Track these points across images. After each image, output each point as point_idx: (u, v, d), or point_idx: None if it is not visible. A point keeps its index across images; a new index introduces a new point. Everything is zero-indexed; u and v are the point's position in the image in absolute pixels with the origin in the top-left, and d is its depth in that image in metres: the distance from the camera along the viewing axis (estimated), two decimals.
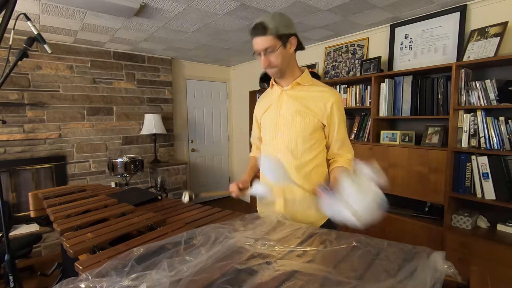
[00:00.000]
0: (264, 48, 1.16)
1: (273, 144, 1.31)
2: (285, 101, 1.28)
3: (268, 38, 1.14)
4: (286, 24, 1.16)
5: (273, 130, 1.31)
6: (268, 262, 0.82)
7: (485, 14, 2.15)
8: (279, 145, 1.29)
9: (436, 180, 2.16)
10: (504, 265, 1.83)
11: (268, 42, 1.15)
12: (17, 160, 2.94)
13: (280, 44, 1.16)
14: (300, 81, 1.26)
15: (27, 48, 1.28)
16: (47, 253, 3.05)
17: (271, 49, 1.16)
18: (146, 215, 1.32)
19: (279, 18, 1.15)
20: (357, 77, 2.77)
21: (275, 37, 1.14)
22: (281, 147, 1.28)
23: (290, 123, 1.26)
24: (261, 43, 1.16)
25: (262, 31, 1.14)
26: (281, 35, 1.15)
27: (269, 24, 1.13)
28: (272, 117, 1.32)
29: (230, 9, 2.31)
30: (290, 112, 1.26)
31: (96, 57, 3.41)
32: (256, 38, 1.16)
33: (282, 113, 1.28)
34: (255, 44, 1.18)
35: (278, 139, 1.29)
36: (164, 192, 3.46)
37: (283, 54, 1.19)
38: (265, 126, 1.38)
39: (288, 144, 1.26)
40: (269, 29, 1.13)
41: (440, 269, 0.72)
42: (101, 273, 0.76)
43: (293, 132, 1.25)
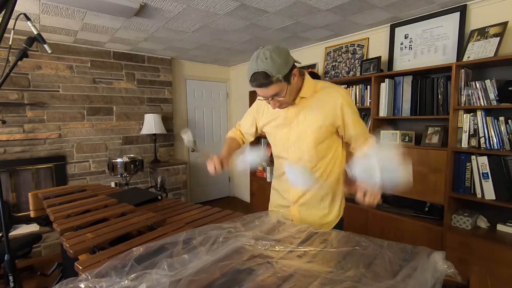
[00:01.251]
0: (271, 95, 1.12)
1: (287, 157, 1.31)
2: (295, 116, 1.26)
3: (274, 86, 1.08)
4: (285, 62, 1.08)
5: (285, 144, 1.30)
6: (269, 262, 0.82)
7: (485, 14, 2.15)
8: (293, 158, 1.29)
9: (436, 180, 2.16)
10: (504, 265, 1.83)
11: (275, 89, 1.09)
12: (17, 160, 2.94)
13: (286, 84, 1.11)
14: (304, 94, 1.22)
15: (27, 48, 1.28)
16: (47, 253, 3.05)
17: (279, 94, 1.12)
18: (146, 215, 1.32)
19: (278, 58, 1.05)
20: (357, 77, 2.77)
21: (281, 82, 1.08)
22: (296, 159, 1.28)
23: (302, 137, 1.24)
24: (268, 92, 1.10)
25: (265, 81, 1.06)
26: (285, 76, 1.08)
27: (272, 71, 1.04)
28: (283, 132, 1.30)
29: (230, 9, 2.31)
30: (302, 126, 1.24)
31: (96, 57, 3.41)
32: (260, 89, 1.10)
33: (293, 127, 1.27)
34: (260, 93, 1.12)
35: (291, 152, 1.29)
36: (164, 192, 3.46)
37: (290, 91, 1.15)
38: (276, 139, 1.36)
39: (302, 157, 1.26)
40: (273, 78, 1.05)
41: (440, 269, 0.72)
42: (101, 273, 0.76)
43: (306, 145, 1.25)
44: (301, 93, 1.22)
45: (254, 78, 1.07)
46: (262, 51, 1.07)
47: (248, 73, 1.09)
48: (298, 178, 1.23)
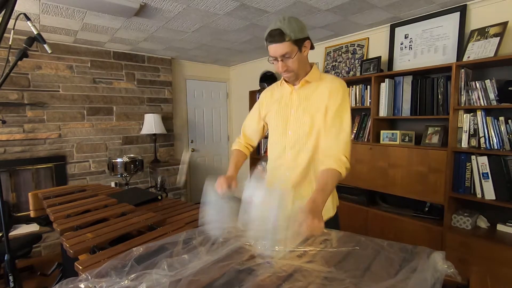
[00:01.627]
0: (282, 54, 1.15)
1: (283, 142, 1.32)
2: (296, 100, 1.29)
3: (286, 44, 1.13)
4: (301, 29, 1.16)
5: (283, 128, 1.32)
6: (268, 262, 0.82)
7: (485, 14, 2.15)
8: (289, 143, 1.30)
9: (436, 180, 2.16)
10: (504, 265, 1.83)
11: (286, 48, 1.14)
12: (17, 160, 2.94)
13: (297, 49, 1.16)
14: (309, 79, 1.26)
15: (27, 48, 1.28)
16: (47, 253, 3.04)
17: (288, 55, 1.16)
18: (146, 215, 1.32)
19: (294, 23, 1.14)
20: (357, 77, 2.77)
21: (292, 43, 1.14)
22: (291, 145, 1.29)
23: (300, 122, 1.27)
24: (279, 50, 1.15)
25: (279, 37, 1.12)
26: (297, 40, 1.15)
27: (286, 30, 1.11)
28: (282, 116, 1.33)
29: (230, 9, 2.31)
30: (301, 111, 1.27)
31: (96, 57, 3.41)
32: (273, 45, 1.15)
33: (293, 112, 1.29)
34: (272, 50, 1.17)
35: (288, 137, 1.30)
36: (164, 192, 3.46)
37: (299, 58, 1.19)
38: (274, 123, 1.37)
39: (297, 142, 1.27)
40: (286, 35, 1.12)
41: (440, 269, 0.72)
42: (101, 273, 0.76)
43: (303, 131, 1.26)
44: (307, 76, 1.26)
45: (270, 33, 1.14)
46: (282, 15, 1.17)
47: (266, 32, 1.16)
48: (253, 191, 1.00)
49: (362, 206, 2.64)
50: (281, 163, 1.34)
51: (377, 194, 2.68)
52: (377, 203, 2.66)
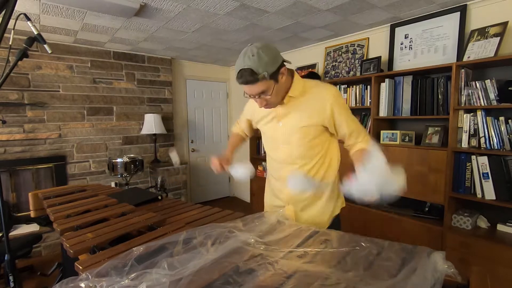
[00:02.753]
0: (258, 93, 1.10)
1: (277, 155, 1.32)
2: (282, 115, 1.25)
3: (260, 84, 1.06)
4: (273, 60, 1.06)
5: (275, 142, 1.32)
6: (269, 263, 0.82)
7: (485, 14, 2.15)
8: (282, 156, 1.30)
9: (436, 180, 2.16)
10: (504, 265, 1.83)
11: (261, 87, 1.07)
12: (17, 160, 2.94)
13: (273, 82, 1.09)
14: (292, 94, 1.20)
15: (27, 48, 1.28)
16: (47, 253, 3.05)
17: (265, 93, 1.10)
18: (146, 215, 1.32)
19: (265, 56, 1.03)
20: (357, 77, 2.77)
21: (267, 79, 1.06)
22: (285, 158, 1.29)
23: (291, 134, 1.24)
24: (254, 90, 1.08)
25: (251, 78, 1.04)
26: (272, 74, 1.06)
27: (257, 69, 1.02)
28: (272, 130, 1.31)
29: (230, 9, 2.31)
30: (290, 124, 1.24)
31: (96, 57, 3.41)
32: (246, 86, 1.08)
33: (281, 126, 1.27)
34: (247, 90, 1.10)
35: (281, 150, 1.30)
36: (164, 192, 3.46)
37: (277, 89, 1.12)
38: (266, 137, 1.38)
39: (292, 154, 1.27)
40: (259, 75, 1.03)
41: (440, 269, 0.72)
42: (101, 273, 0.76)
43: (295, 143, 1.24)
44: (290, 92, 1.20)
45: (240, 75, 1.06)
46: (250, 48, 1.06)
47: (235, 69, 1.08)
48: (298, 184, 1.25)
49: (362, 206, 2.64)
50: (279, 174, 1.35)
51: None
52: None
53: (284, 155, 1.29)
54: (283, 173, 1.31)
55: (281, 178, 1.33)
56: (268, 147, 1.38)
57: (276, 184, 1.39)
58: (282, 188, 1.34)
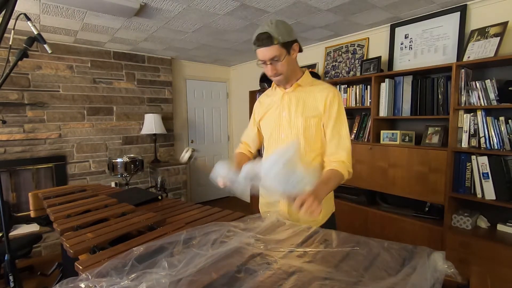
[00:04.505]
0: (271, 57, 1.16)
1: (277, 145, 1.33)
2: (287, 103, 1.30)
3: (274, 48, 1.14)
4: (288, 32, 1.16)
5: (276, 132, 1.33)
6: (268, 263, 0.82)
7: (485, 14, 2.15)
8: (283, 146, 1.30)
9: (436, 180, 2.16)
10: (504, 265, 1.83)
11: (274, 51, 1.15)
12: (17, 160, 2.94)
13: (285, 52, 1.17)
14: (301, 83, 1.28)
15: (27, 48, 1.28)
16: (47, 253, 3.05)
17: (277, 58, 1.16)
18: (146, 215, 1.32)
19: (282, 26, 1.15)
20: (357, 77, 2.77)
21: (281, 46, 1.14)
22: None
23: (293, 124, 1.27)
24: (268, 53, 1.15)
25: (267, 41, 1.13)
26: (285, 43, 1.15)
27: (274, 33, 1.12)
28: (275, 119, 1.34)
29: (230, 9, 2.31)
30: (293, 113, 1.27)
31: (96, 57, 3.41)
32: (261, 49, 1.16)
33: (284, 115, 1.30)
34: (260, 54, 1.17)
35: (281, 140, 1.31)
36: (164, 192, 3.46)
37: (288, 61, 1.19)
38: (267, 127, 1.39)
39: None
40: (274, 39, 1.12)
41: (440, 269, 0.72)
42: (101, 273, 0.76)
43: (295, 133, 1.27)
44: (299, 81, 1.27)
45: (257, 38, 1.15)
46: (269, 20, 1.18)
47: (253, 36, 1.17)
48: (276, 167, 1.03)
49: (362, 206, 2.64)
50: None
51: (377, 194, 2.68)
52: (377, 203, 2.66)
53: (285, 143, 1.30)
54: None
55: None
56: (269, 138, 1.38)
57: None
58: None
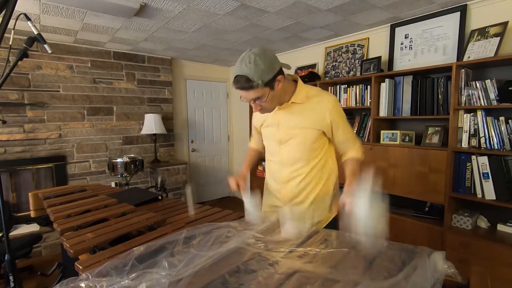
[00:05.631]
0: (252, 99, 1.13)
1: (278, 157, 1.34)
2: (283, 117, 1.28)
3: (255, 91, 1.08)
4: (269, 67, 1.07)
5: (276, 144, 1.34)
6: (269, 263, 0.82)
7: (485, 14, 2.14)
8: (284, 157, 1.32)
9: (436, 180, 2.15)
10: (504, 265, 1.83)
11: (255, 94, 1.09)
12: (17, 160, 2.94)
13: (268, 90, 1.10)
14: (295, 100, 1.23)
15: (27, 48, 1.28)
16: (47, 253, 3.05)
17: (260, 99, 1.13)
18: (146, 215, 1.32)
19: (262, 63, 1.04)
20: (357, 77, 2.77)
21: (262, 87, 1.07)
22: (287, 159, 1.31)
23: (291, 137, 1.27)
24: (249, 96, 1.11)
25: (247, 84, 1.06)
26: (267, 82, 1.07)
27: (253, 76, 1.04)
28: (273, 132, 1.34)
29: (230, 9, 2.31)
30: (290, 127, 1.27)
31: (96, 57, 3.41)
32: (241, 91, 1.11)
33: (281, 128, 1.29)
34: (242, 94, 1.13)
35: (282, 151, 1.32)
36: (164, 192, 3.46)
37: (272, 96, 1.14)
38: (267, 139, 1.40)
39: (293, 155, 1.29)
40: (254, 82, 1.05)
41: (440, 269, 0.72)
42: (101, 273, 0.76)
43: (295, 145, 1.28)
44: (293, 98, 1.23)
45: (236, 81, 1.09)
46: (247, 54, 1.07)
47: (232, 74, 1.11)
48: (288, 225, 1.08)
49: None
50: (278, 176, 1.37)
51: None
52: None
53: (285, 157, 1.31)
54: (282, 175, 1.34)
55: (280, 179, 1.35)
56: (268, 150, 1.40)
57: (274, 185, 1.41)
58: (280, 189, 1.36)
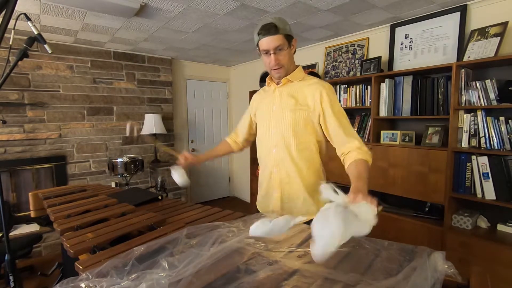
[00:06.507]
0: (275, 46, 1.21)
1: (268, 139, 1.36)
2: (278, 98, 1.34)
3: (279, 37, 1.20)
4: (290, 28, 1.25)
5: (267, 126, 1.37)
6: (269, 263, 0.82)
7: (485, 14, 2.14)
8: (273, 141, 1.34)
9: (436, 180, 2.15)
10: (504, 265, 1.83)
11: (279, 40, 1.21)
12: (17, 160, 2.94)
13: (287, 44, 1.24)
14: (291, 78, 1.31)
15: (27, 48, 1.28)
16: (47, 253, 3.05)
17: (281, 47, 1.22)
18: (146, 215, 1.32)
19: (284, 21, 1.23)
20: (357, 77, 2.77)
21: (284, 37, 1.21)
22: (275, 142, 1.33)
23: (281, 118, 1.31)
24: (272, 42, 1.21)
25: (273, 30, 1.19)
26: (288, 36, 1.23)
27: (279, 24, 1.20)
28: (266, 114, 1.38)
29: (230, 9, 2.31)
30: (281, 108, 1.31)
31: (96, 57, 3.41)
32: (266, 38, 1.21)
33: (274, 109, 1.34)
34: (266, 43, 1.22)
35: (272, 135, 1.34)
36: (164, 192, 3.46)
37: (289, 53, 1.26)
38: (260, 123, 1.43)
39: (281, 139, 1.31)
40: (280, 29, 1.19)
41: (440, 269, 0.72)
42: (102, 273, 0.76)
43: (284, 127, 1.29)
44: (289, 76, 1.30)
45: (263, 27, 1.20)
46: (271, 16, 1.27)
47: (257, 27, 1.22)
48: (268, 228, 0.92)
49: None
50: (267, 160, 1.38)
51: (377, 194, 2.68)
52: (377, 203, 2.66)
53: (276, 139, 1.32)
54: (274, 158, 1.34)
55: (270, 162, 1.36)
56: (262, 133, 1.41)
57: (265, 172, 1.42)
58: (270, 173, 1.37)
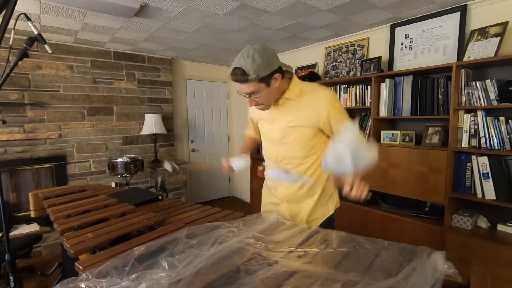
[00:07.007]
0: (247, 93, 1.14)
1: (274, 153, 1.34)
2: (278, 115, 1.28)
3: (250, 85, 1.10)
4: (267, 63, 1.08)
5: (271, 141, 1.34)
6: (269, 263, 0.82)
7: (485, 14, 2.14)
8: (280, 154, 1.32)
9: (436, 180, 2.15)
10: (504, 265, 1.83)
11: (250, 88, 1.11)
12: (17, 160, 2.94)
13: (264, 85, 1.12)
14: (288, 96, 1.23)
15: (27, 48, 1.28)
16: (47, 253, 3.05)
17: (254, 94, 1.13)
18: (146, 215, 1.32)
19: (260, 59, 1.07)
20: (357, 77, 2.77)
21: (257, 82, 1.09)
22: (283, 156, 1.31)
23: (286, 134, 1.27)
24: (244, 89, 1.13)
25: (242, 77, 1.08)
26: (263, 78, 1.09)
27: (249, 70, 1.06)
28: (269, 130, 1.34)
29: (230, 9, 2.31)
30: (285, 125, 1.26)
31: (96, 57, 3.41)
32: (237, 84, 1.13)
33: (277, 126, 1.29)
34: (239, 87, 1.15)
35: (278, 148, 1.32)
36: (164, 192, 3.46)
37: (268, 93, 1.15)
38: (263, 136, 1.41)
39: (288, 154, 1.29)
40: (249, 76, 1.07)
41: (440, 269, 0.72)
42: (102, 273, 0.76)
43: (291, 143, 1.27)
44: (286, 94, 1.23)
45: (233, 73, 1.12)
46: (247, 48, 1.10)
47: (231, 66, 1.14)
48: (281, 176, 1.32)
49: (362, 206, 2.64)
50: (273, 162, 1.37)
51: (377, 194, 2.68)
52: (377, 203, 2.66)
53: (280, 155, 1.31)
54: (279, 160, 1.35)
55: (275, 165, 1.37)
56: (265, 146, 1.41)
57: (271, 182, 1.42)
58: (276, 185, 1.38)
